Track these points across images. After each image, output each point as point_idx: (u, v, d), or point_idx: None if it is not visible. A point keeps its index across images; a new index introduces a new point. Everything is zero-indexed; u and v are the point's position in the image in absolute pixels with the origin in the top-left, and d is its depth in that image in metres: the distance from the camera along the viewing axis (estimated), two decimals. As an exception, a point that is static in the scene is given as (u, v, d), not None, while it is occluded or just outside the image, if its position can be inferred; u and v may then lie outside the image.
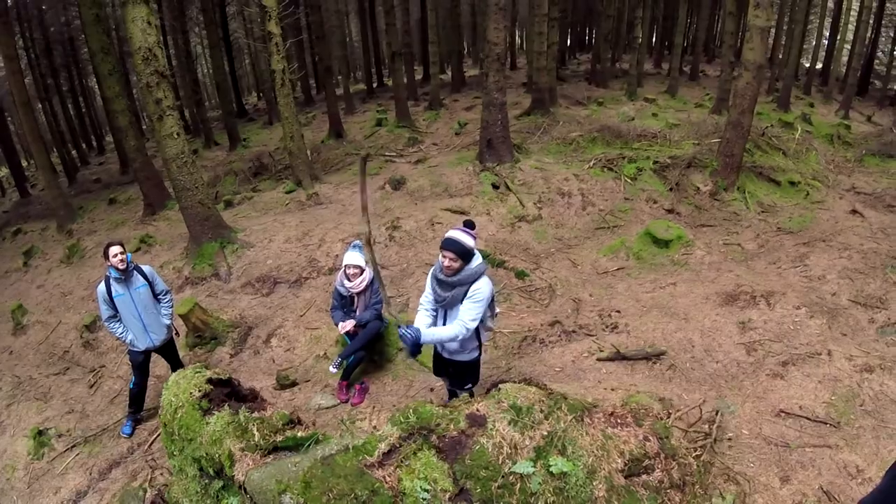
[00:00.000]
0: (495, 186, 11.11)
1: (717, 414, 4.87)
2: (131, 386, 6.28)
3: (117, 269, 5.54)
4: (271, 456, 3.13)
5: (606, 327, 7.03)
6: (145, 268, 5.96)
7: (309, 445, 3.19)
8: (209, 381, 3.46)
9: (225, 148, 22.40)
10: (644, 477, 3.38)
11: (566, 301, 7.96)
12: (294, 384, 6.57)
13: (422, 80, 29.10)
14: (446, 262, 3.96)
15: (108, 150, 31.37)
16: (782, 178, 11.35)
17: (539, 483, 3.06)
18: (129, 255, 5.69)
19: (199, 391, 3.37)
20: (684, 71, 27.06)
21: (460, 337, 4.06)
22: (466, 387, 4.70)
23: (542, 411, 3.33)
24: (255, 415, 3.34)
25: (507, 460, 3.08)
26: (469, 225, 4.13)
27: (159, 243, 11.81)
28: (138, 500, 4.30)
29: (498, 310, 4.76)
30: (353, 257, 5.75)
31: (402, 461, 3.04)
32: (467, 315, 3.99)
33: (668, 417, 4.68)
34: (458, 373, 4.69)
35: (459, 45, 26.56)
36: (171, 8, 24.75)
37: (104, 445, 6.32)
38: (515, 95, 20.98)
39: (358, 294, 5.88)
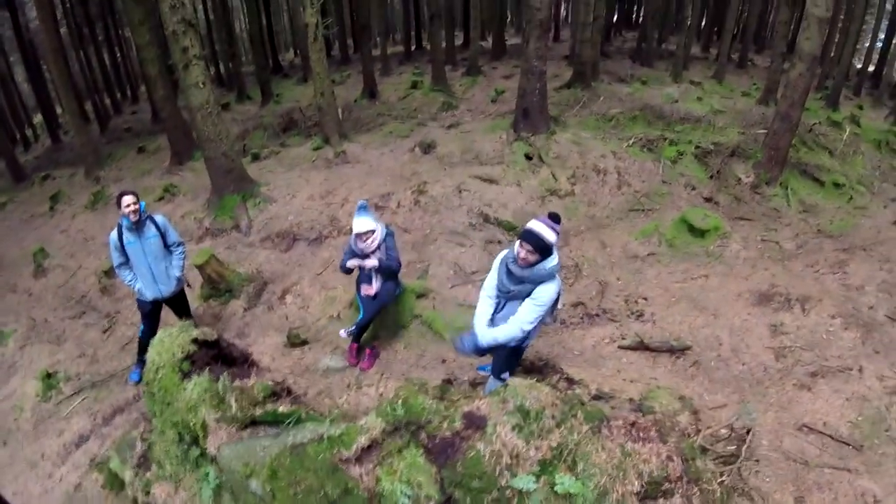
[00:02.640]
0: (528, 157, 10.69)
1: (748, 433, 4.53)
2: (140, 333, 6.18)
3: (129, 219, 5.40)
4: (248, 430, 2.82)
5: (631, 314, 6.68)
6: (158, 218, 5.81)
7: (289, 423, 2.88)
8: (194, 340, 3.17)
9: (257, 102, 22.25)
10: (661, 502, 2.96)
11: (592, 282, 7.61)
12: (304, 343, 6.40)
13: (461, 46, 28.54)
14: (522, 254, 3.71)
15: (143, 100, 31.37)
16: (826, 179, 10.74)
17: (540, 502, 2.68)
18: (142, 203, 5.55)
19: (182, 352, 3.07)
20: (732, 58, 25.95)
21: (516, 338, 3.89)
22: (502, 376, 4.37)
23: (553, 417, 2.90)
24: (237, 383, 3.00)
25: (505, 472, 2.69)
26: (554, 218, 3.82)
27: (183, 193, 11.76)
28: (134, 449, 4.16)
29: (561, 305, 4.50)
30: (363, 224, 5.33)
31: (383, 459, 2.67)
32: (526, 316, 3.79)
33: (697, 435, 4.34)
34: (498, 352, 4.42)
35: (502, 12, 25.83)
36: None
37: (111, 391, 6.27)
38: (556, 68, 20.32)
39: (371, 252, 5.58)
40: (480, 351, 3.87)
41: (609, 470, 2.84)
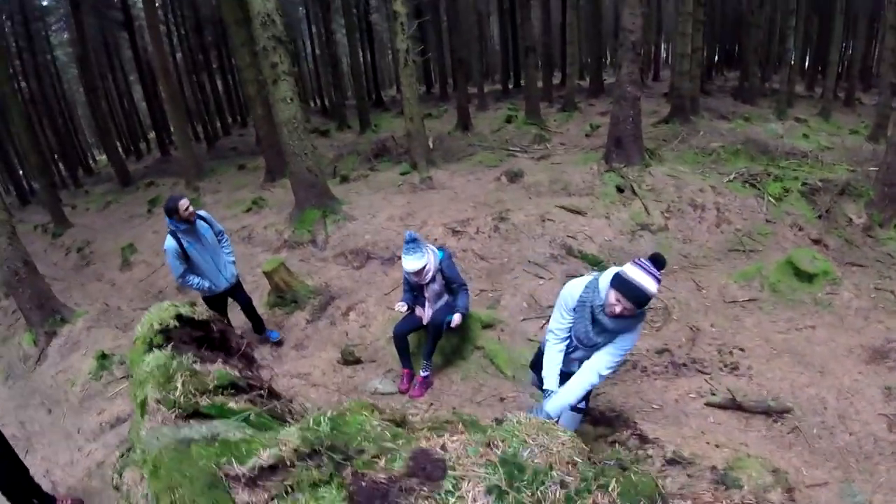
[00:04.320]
0: (620, 189, 10.06)
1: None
2: None
3: (188, 220, 5.52)
4: (191, 421, 2.34)
5: (724, 366, 5.82)
6: (202, 213, 5.95)
7: (237, 419, 2.24)
8: (178, 316, 2.83)
9: (356, 131, 22.94)
10: None
11: (682, 328, 6.80)
12: (358, 362, 6.13)
13: (559, 85, 28.32)
14: (618, 309, 3.07)
15: (252, 125, 33.31)
16: None
17: None
18: None
19: (160, 325, 2.74)
20: (838, 96, 24.29)
21: (593, 386, 3.46)
22: (580, 405, 3.78)
23: (563, 485, 1.83)
24: (197, 366, 2.60)
25: None
26: (658, 262, 3.10)
27: (269, 206, 12.11)
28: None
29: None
30: (412, 264, 4.95)
31: (287, 491, 1.81)
32: (605, 363, 3.31)
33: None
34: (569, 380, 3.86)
35: (600, 52, 25.54)
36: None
37: (157, 381, 6.34)
38: (655, 105, 19.70)
39: (426, 284, 5.21)
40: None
41: None
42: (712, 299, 7.54)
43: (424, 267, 5.00)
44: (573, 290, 3.40)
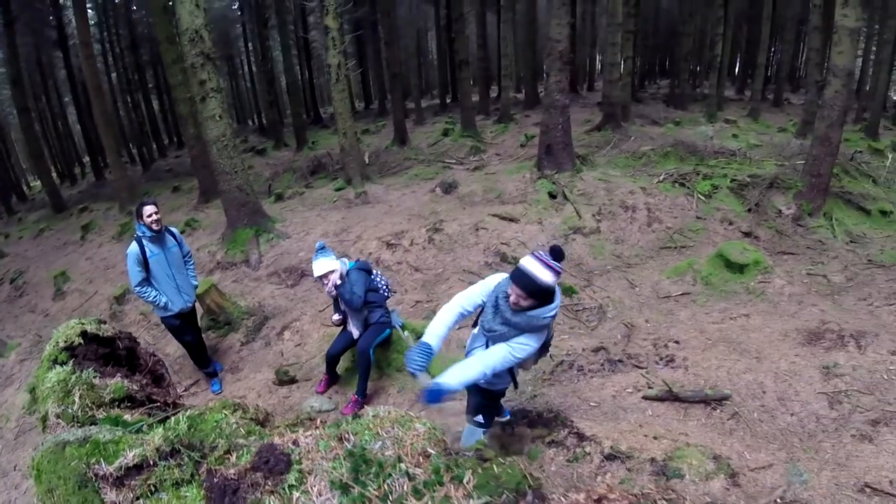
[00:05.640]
0: (552, 196, 10.26)
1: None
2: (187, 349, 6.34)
3: (151, 229, 5.43)
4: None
5: (660, 359, 5.91)
6: (173, 229, 5.89)
7: (129, 430, 2.28)
8: (83, 333, 2.75)
9: (292, 149, 22.70)
10: None
11: (617, 325, 6.94)
12: (293, 381, 6.00)
13: (495, 98, 28.74)
14: (513, 297, 3.02)
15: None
16: (872, 207, 9.94)
17: None
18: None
19: (65, 342, 2.67)
20: (767, 97, 25.61)
21: (473, 381, 3.23)
22: (476, 419, 3.74)
23: (411, 478, 1.88)
24: (97, 381, 2.54)
25: None
26: (556, 253, 3.00)
27: (203, 227, 11.92)
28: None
29: (549, 353, 4.02)
30: (319, 267, 5.00)
31: (151, 490, 1.91)
32: (496, 361, 3.16)
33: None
34: (471, 397, 3.82)
35: (535, 64, 26.12)
36: (250, 9, 25.55)
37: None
38: (589, 113, 20.25)
39: (334, 295, 5.24)
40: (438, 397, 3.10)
41: None
42: (646, 296, 7.74)
43: (329, 273, 5.02)
44: (494, 278, 3.42)
